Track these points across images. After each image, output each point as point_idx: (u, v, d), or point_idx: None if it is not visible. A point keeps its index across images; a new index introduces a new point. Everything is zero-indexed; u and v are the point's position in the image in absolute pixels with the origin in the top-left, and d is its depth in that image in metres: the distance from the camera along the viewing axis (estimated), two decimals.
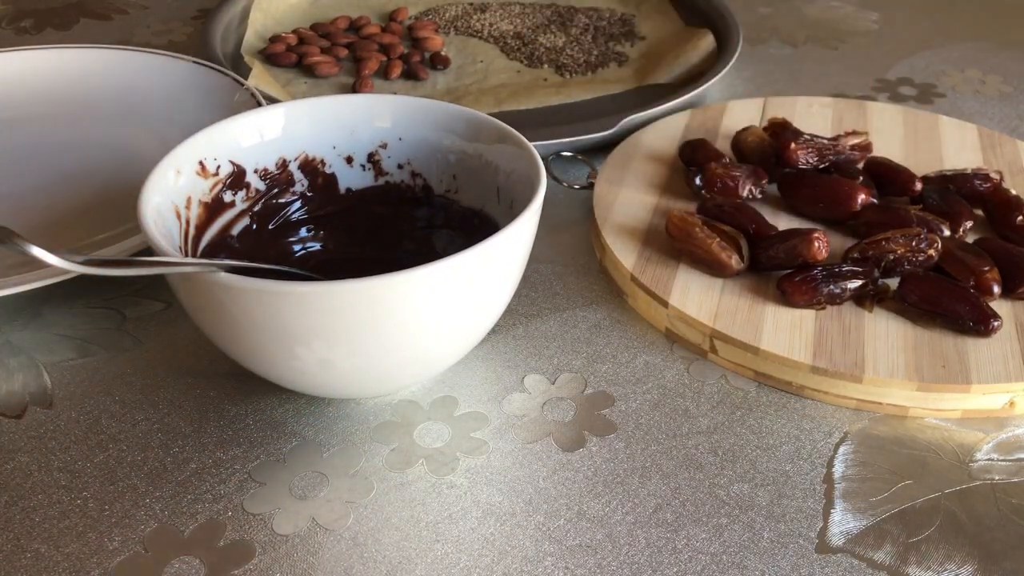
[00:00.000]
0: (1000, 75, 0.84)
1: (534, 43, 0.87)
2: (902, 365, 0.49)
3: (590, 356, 0.52)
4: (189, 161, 0.49)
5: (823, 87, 0.81)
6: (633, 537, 0.42)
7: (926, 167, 0.64)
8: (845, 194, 0.58)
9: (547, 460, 0.46)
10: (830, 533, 0.43)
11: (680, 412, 0.49)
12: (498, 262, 0.42)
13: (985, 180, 0.61)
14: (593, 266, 0.59)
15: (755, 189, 0.61)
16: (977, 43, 0.91)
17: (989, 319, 0.50)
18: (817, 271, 0.52)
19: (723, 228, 0.55)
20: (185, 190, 0.48)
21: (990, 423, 0.49)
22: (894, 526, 0.43)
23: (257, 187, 0.52)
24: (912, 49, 0.89)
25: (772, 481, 0.45)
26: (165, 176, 0.47)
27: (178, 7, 0.96)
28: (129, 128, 0.70)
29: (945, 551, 0.42)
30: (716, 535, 0.43)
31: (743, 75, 0.83)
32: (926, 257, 0.53)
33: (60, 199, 0.63)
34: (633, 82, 0.81)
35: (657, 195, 0.62)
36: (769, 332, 0.51)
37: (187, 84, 0.71)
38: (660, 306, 0.53)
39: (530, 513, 0.43)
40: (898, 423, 0.49)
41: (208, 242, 0.50)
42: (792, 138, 0.62)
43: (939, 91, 0.82)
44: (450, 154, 0.53)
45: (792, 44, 0.90)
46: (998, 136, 0.69)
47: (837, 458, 0.47)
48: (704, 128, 0.69)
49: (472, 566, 0.41)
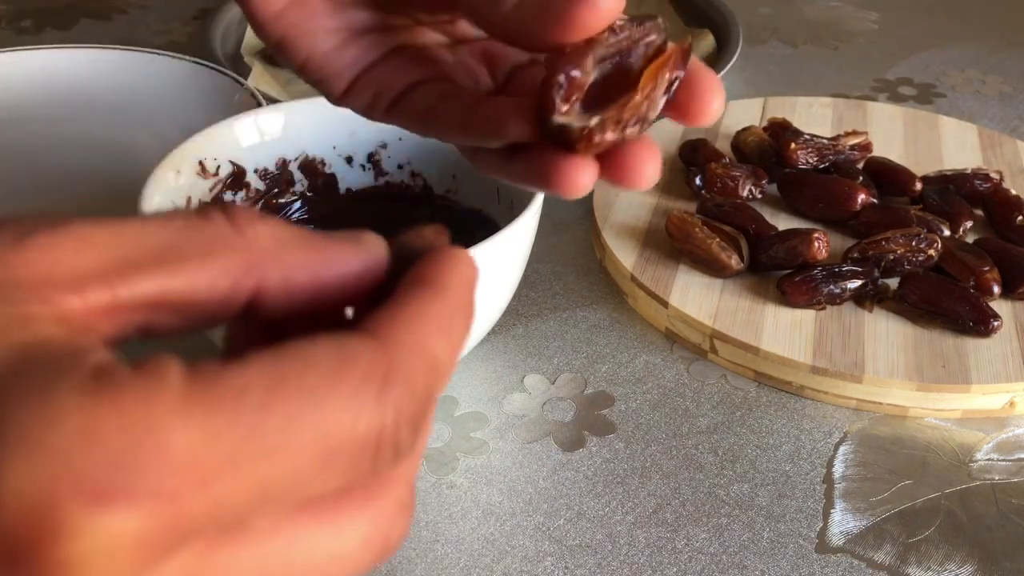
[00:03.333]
0: (1000, 75, 0.84)
1: None
2: (902, 365, 0.49)
3: (590, 356, 0.52)
4: (189, 161, 0.49)
5: (823, 87, 0.81)
6: (633, 537, 0.42)
7: (926, 167, 0.64)
8: (845, 194, 0.58)
9: (547, 460, 0.46)
10: (830, 533, 0.43)
11: (680, 412, 0.49)
12: (498, 262, 0.42)
13: (985, 180, 0.61)
14: (593, 266, 0.59)
15: (755, 189, 0.61)
16: (977, 43, 0.91)
17: (989, 319, 0.50)
18: (817, 271, 0.52)
19: (723, 228, 0.55)
20: (185, 190, 0.48)
21: (990, 423, 0.49)
22: (894, 526, 0.43)
23: (257, 187, 0.52)
24: (912, 49, 0.89)
25: (772, 481, 0.45)
26: (165, 176, 0.47)
27: (178, 7, 0.96)
28: (129, 128, 0.70)
29: (945, 551, 0.42)
30: (716, 535, 0.43)
31: (743, 75, 0.83)
32: (926, 257, 0.53)
33: (59, 199, 0.63)
34: None
35: (657, 195, 0.62)
36: (769, 332, 0.51)
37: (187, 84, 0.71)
38: (660, 306, 0.53)
39: (530, 513, 0.43)
40: (898, 423, 0.49)
41: None
42: (792, 138, 0.62)
43: (939, 91, 0.82)
44: (450, 154, 0.53)
45: (792, 44, 0.90)
46: (998, 136, 0.69)
47: (837, 458, 0.47)
48: (704, 128, 0.69)
49: (472, 566, 0.41)
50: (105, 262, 0.18)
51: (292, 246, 0.20)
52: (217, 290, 0.19)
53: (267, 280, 0.19)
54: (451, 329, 0.20)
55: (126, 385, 0.15)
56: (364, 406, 0.17)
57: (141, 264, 0.18)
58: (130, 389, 0.15)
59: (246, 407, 0.16)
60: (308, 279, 0.20)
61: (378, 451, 0.17)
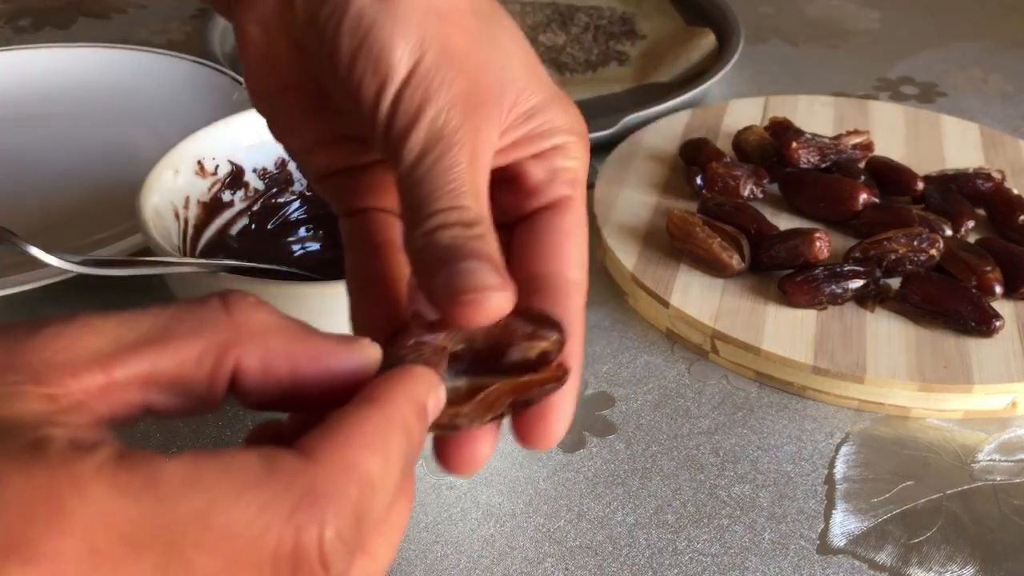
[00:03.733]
0: (1002, 74, 0.84)
1: (534, 42, 0.87)
2: (904, 365, 0.48)
3: (591, 356, 0.52)
4: (188, 161, 0.49)
5: (824, 86, 0.81)
6: (634, 538, 0.42)
7: (928, 166, 0.64)
8: (847, 194, 0.58)
9: (547, 461, 0.46)
10: (831, 534, 0.43)
11: (681, 413, 0.49)
12: None
13: (987, 179, 0.61)
14: (594, 266, 0.59)
15: (756, 189, 0.61)
16: (979, 42, 0.90)
17: (991, 319, 0.50)
18: (819, 271, 0.52)
19: (724, 228, 0.55)
20: (184, 190, 0.48)
21: (992, 423, 0.49)
22: (896, 527, 0.43)
23: (256, 187, 0.52)
24: (914, 48, 0.89)
25: (773, 482, 0.45)
26: (164, 176, 0.47)
27: (177, 6, 0.95)
28: (127, 127, 0.70)
29: (947, 552, 0.42)
30: (717, 536, 0.42)
31: (744, 74, 0.83)
32: (928, 257, 0.53)
33: (57, 198, 0.63)
34: (633, 81, 0.80)
35: (658, 195, 0.62)
36: (770, 332, 0.50)
37: (186, 83, 0.71)
38: (661, 306, 0.53)
39: (530, 514, 0.43)
40: (900, 424, 0.49)
41: (207, 242, 0.49)
42: (793, 137, 0.61)
43: (941, 90, 0.81)
44: None
45: (793, 43, 0.89)
46: (1000, 135, 0.69)
47: (838, 459, 0.46)
48: (705, 127, 0.69)
49: (472, 567, 0.41)
50: (103, 346, 0.19)
51: (278, 333, 0.21)
52: (203, 366, 0.20)
53: (246, 359, 0.20)
54: (386, 446, 0.20)
55: (51, 456, 0.17)
56: (275, 518, 0.18)
57: (135, 345, 0.19)
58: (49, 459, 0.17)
59: (150, 495, 0.17)
60: (287, 367, 0.21)
61: (299, 565, 0.18)
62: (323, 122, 0.30)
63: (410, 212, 0.26)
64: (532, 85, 0.29)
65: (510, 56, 0.29)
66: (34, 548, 0.16)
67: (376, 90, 0.26)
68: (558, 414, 0.26)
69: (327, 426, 0.20)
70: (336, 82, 0.27)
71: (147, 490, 0.17)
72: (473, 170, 0.26)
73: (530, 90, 0.29)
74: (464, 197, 0.26)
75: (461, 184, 0.26)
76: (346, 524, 0.19)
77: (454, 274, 0.24)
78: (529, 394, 0.25)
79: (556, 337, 0.26)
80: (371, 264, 0.29)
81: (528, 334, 0.25)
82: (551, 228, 0.29)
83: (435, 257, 0.25)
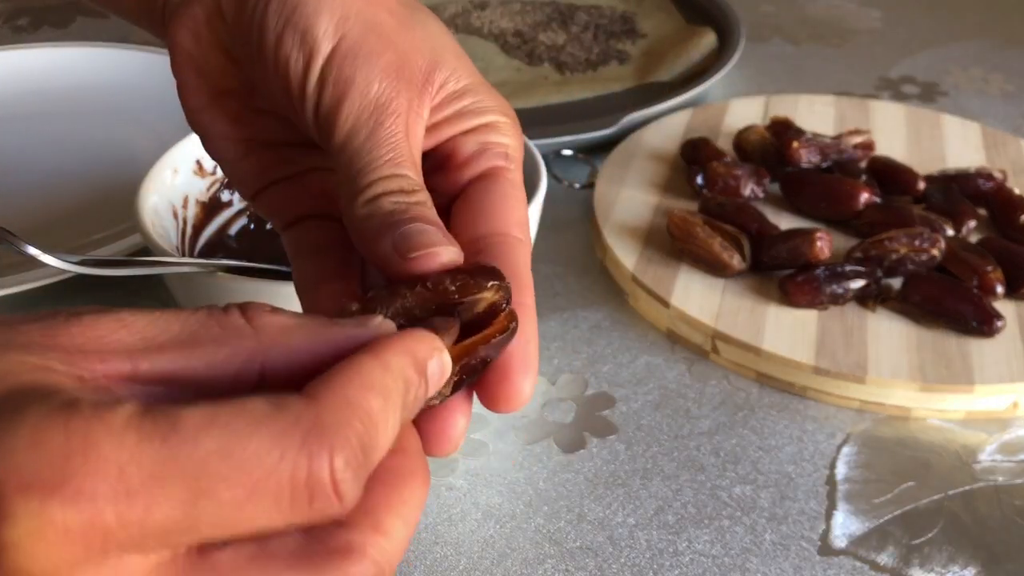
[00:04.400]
0: (1003, 73, 0.84)
1: (534, 41, 0.86)
2: (905, 366, 0.48)
3: (591, 357, 0.52)
4: (186, 160, 0.49)
5: (825, 85, 0.81)
6: (634, 539, 0.42)
7: (929, 166, 0.64)
8: (848, 193, 0.58)
9: (547, 461, 0.46)
10: (833, 535, 0.43)
11: (682, 413, 0.49)
12: None
13: (988, 179, 0.60)
14: (594, 266, 0.59)
15: (757, 188, 0.60)
16: (980, 41, 0.90)
17: (992, 319, 0.50)
18: (820, 271, 0.52)
19: (725, 228, 0.55)
20: (182, 189, 0.48)
21: (993, 424, 0.49)
22: (897, 528, 0.43)
23: None
24: (915, 47, 0.89)
25: (774, 483, 0.45)
26: (162, 175, 0.47)
27: None
28: (126, 127, 0.70)
29: (948, 553, 0.42)
30: (718, 537, 0.42)
31: (745, 73, 0.83)
32: (929, 257, 0.53)
33: (56, 198, 0.62)
34: (634, 80, 0.80)
35: (658, 194, 0.62)
36: (771, 332, 0.50)
37: None
38: (661, 306, 0.53)
39: (530, 515, 0.43)
40: (901, 424, 0.48)
41: (206, 242, 0.49)
42: (794, 137, 0.61)
43: (942, 90, 0.81)
44: None
45: (794, 42, 0.89)
46: (1001, 135, 0.69)
47: (840, 459, 0.46)
48: (706, 127, 0.69)
49: (471, 568, 0.41)
50: (133, 341, 0.21)
51: (298, 331, 0.22)
52: (227, 372, 0.22)
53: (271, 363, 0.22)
54: (384, 387, 0.21)
55: (83, 410, 0.18)
56: (288, 446, 0.19)
57: (164, 345, 0.21)
58: (83, 412, 0.18)
59: (176, 437, 0.19)
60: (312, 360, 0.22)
61: (314, 492, 0.19)
62: (255, 128, 0.31)
63: (349, 183, 0.27)
64: (462, 68, 0.29)
65: (439, 40, 0.29)
66: (74, 487, 0.18)
67: (304, 65, 0.27)
68: (519, 371, 0.25)
69: (327, 374, 0.21)
70: (265, 70, 0.28)
71: (172, 433, 0.19)
72: (409, 141, 0.27)
73: (460, 72, 0.29)
74: (403, 166, 0.26)
75: (400, 154, 0.26)
76: (353, 454, 0.20)
77: (402, 236, 0.25)
78: (479, 353, 0.24)
79: (495, 284, 0.25)
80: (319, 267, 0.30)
81: (462, 287, 0.24)
82: (487, 193, 0.29)
83: (380, 223, 0.25)
